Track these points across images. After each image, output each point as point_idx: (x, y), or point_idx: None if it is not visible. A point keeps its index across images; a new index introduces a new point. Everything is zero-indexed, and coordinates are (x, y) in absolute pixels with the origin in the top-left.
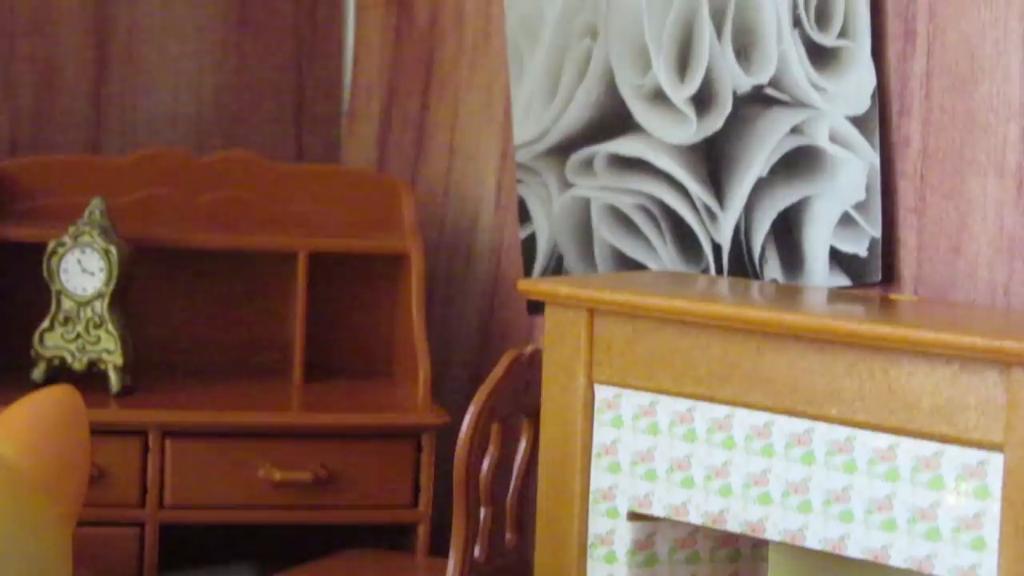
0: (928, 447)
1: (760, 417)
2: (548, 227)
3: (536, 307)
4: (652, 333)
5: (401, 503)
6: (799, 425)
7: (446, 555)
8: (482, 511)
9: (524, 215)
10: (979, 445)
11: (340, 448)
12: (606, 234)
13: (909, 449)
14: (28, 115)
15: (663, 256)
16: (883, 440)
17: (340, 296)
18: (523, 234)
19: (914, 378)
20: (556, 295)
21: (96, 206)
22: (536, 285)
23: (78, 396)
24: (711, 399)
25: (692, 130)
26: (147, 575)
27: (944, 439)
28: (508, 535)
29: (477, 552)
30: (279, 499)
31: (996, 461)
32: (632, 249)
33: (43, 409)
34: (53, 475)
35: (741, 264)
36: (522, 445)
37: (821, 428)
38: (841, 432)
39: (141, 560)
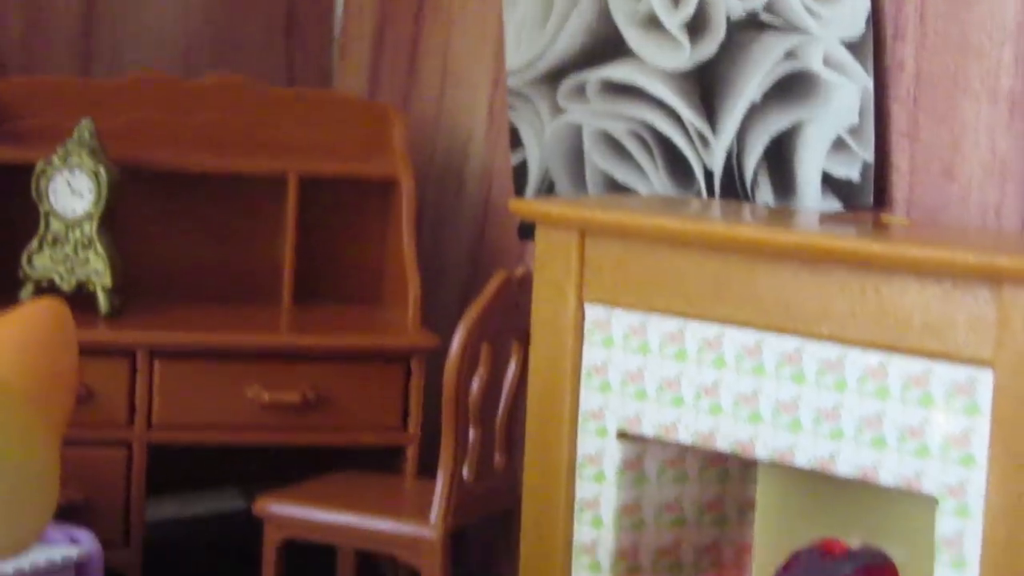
0: (918, 364)
1: (751, 336)
2: (539, 153)
3: (527, 232)
4: (643, 253)
5: (390, 426)
6: (790, 344)
7: (434, 479)
8: (471, 432)
9: (515, 141)
10: (969, 362)
11: (329, 370)
12: (598, 160)
13: (899, 367)
14: (17, 36)
15: (655, 182)
16: (874, 358)
17: (330, 221)
18: (514, 160)
19: (905, 296)
20: (547, 215)
21: (85, 127)
22: (528, 205)
23: (65, 308)
24: (702, 318)
25: (685, 56)
26: (135, 495)
27: (934, 356)
28: (497, 457)
29: (466, 473)
30: (267, 420)
31: (986, 378)
32: (624, 175)
33: (31, 321)
34: (41, 386)
35: (733, 189)
36: (511, 367)
37: (812, 346)
38: (832, 350)
39: (129, 480)
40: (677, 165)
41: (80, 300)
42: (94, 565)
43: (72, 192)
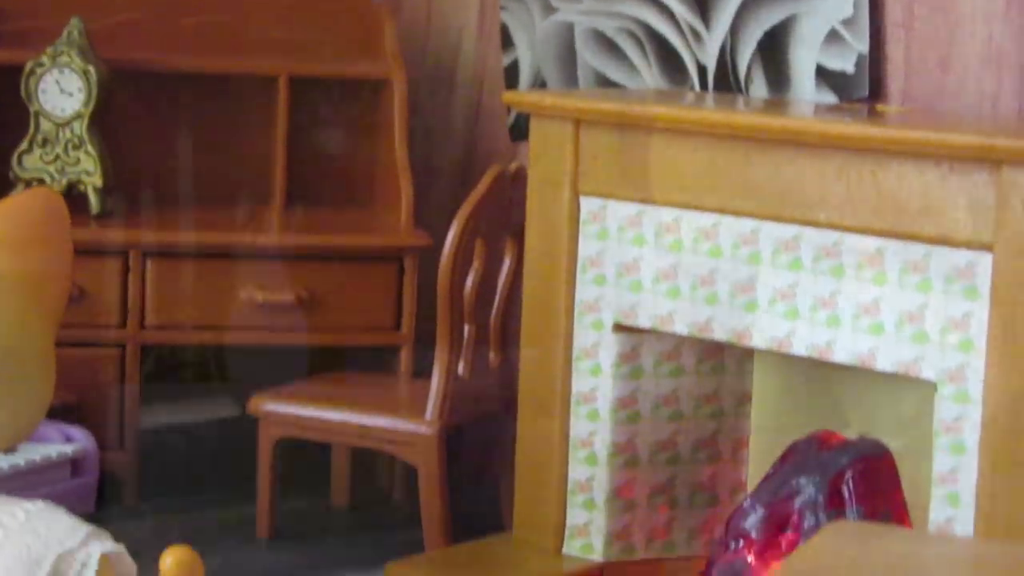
0: (917, 249)
1: (747, 224)
2: (531, 53)
3: (519, 133)
4: (638, 143)
5: (384, 326)
6: (787, 231)
7: (427, 380)
8: (466, 329)
9: (507, 41)
10: (968, 246)
11: (323, 270)
12: (590, 58)
13: (897, 252)
14: None
15: (648, 79)
16: (871, 243)
17: (321, 123)
18: (506, 60)
19: (903, 180)
20: (542, 105)
21: (75, 26)
22: (522, 97)
23: (59, 197)
24: (698, 208)
25: None
26: (129, 396)
27: (932, 241)
28: (492, 355)
29: (461, 369)
30: (261, 320)
31: (985, 261)
32: (616, 73)
33: (24, 210)
34: (35, 274)
35: (727, 85)
36: (506, 264)
37: (809, 233)
38: (829, 236)
39: (122, 381)
40: (670, 62)
41: (71, 200)
42: (89, 462)
43: (62, 91)
